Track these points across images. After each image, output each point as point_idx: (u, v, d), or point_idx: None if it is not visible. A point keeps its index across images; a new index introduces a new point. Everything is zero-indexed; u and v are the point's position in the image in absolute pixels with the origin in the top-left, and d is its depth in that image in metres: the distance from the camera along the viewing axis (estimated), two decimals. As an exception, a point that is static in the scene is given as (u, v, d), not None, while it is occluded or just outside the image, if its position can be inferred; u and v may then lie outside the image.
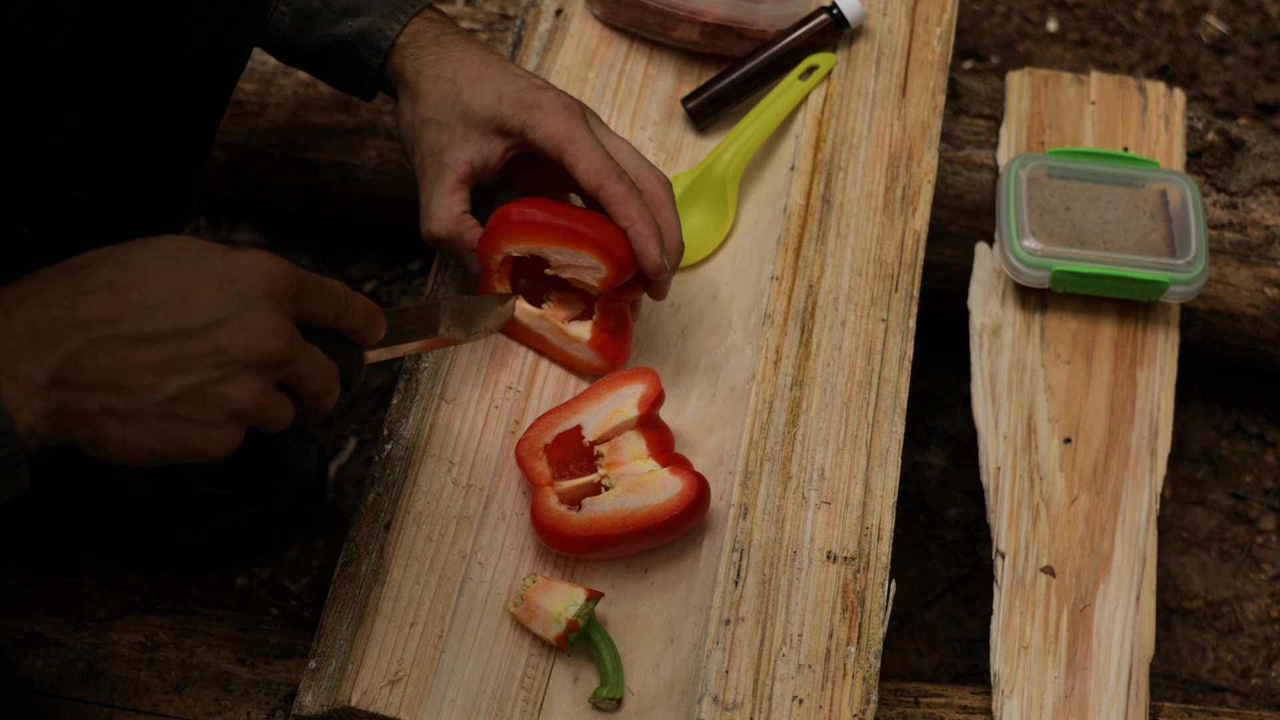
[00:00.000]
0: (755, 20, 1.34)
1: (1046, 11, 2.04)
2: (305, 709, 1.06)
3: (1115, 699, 1.21)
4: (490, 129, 1.16)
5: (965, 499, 1.66)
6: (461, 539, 1.13)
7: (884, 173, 1.29)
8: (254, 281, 0.89)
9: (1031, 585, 1.25)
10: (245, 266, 0.89)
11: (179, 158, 1.23)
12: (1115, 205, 1.39)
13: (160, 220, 1.33)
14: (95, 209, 1.19)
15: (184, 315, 0.87)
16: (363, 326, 0.99)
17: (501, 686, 1.09)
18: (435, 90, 1.18)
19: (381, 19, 1.20)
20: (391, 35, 1.20)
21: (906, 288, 1.24)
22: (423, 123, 1.18)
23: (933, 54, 1.35)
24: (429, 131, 1.17)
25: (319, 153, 1.65)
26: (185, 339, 0.87)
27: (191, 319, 0.87)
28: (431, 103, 1.17)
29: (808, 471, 1.14)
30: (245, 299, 0.89)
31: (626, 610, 1.13)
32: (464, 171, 1.16)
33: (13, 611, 1.25)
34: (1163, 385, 1.35)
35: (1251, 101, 1.95)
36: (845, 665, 1.08)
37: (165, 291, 0.87)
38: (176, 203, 1.33)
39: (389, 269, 1.80)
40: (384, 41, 1.20)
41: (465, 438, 1.17)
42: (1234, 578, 1.62)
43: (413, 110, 1.19)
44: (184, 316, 0.87)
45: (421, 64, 1.19)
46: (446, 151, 1.17)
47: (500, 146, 1.17)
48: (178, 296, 0.87)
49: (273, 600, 1.58)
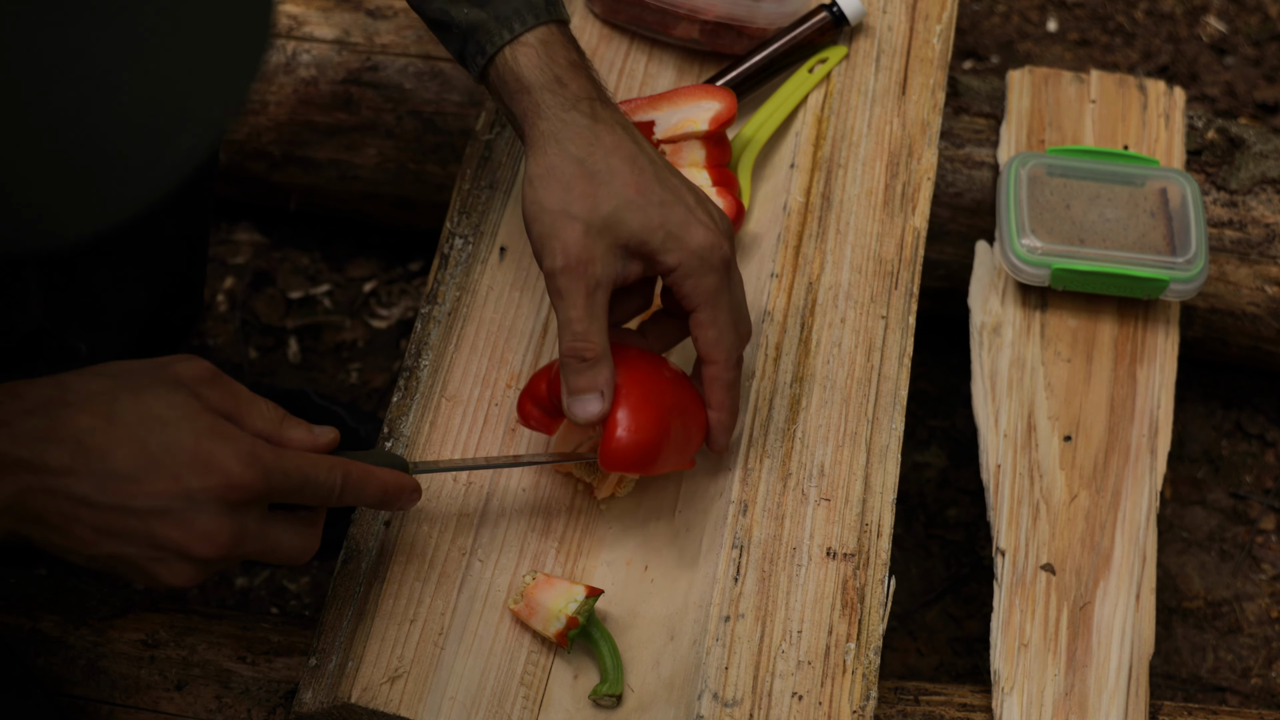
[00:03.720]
0: (755, 18, 1.34)
1: (1046, 11, 2.04)
2: (305, 706, 1.06)
3: (1115, 696, 1.21)
4: (638, 254, 1.06)
5: (965, 499, 1.66)
6: (461, 536, 1.13)
7: (884, 170, 1.29)
8: (209, 484, 0.91)
9: (1031, 583, 1.25)
10: (211, 463, 0.91)
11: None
12: (1115, 203, 1.39)
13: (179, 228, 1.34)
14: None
15: (131, 496, 0.90)
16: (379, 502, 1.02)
17: (501, 683, 1.09)
18: (583, 178, 1.06)
19: (495, 21, 1.10)
20: (499, 42, 1.10)
21: (906, 285, 1.24)
22: (567, 216, 1.05)
23: (933, 51, 1.35)
24: (574, 231, 1.05)
25: (319, 151, 1.65)
26: (125, 517, 0.90)
27: (137, 501, 0.90)
28: (578, 194, 1.06)
29: (807, 468, 1.14)
30: (193, 499, 0.91)
31: (626, 607, 1.13)
32: (611, 288, 1.06)
33: (14, 609, 1.25)
34: (1163, 383, 1.35)
35: (1251, 101, 1.95)
36: (845, 662, 1.08)
37: (125, 466, 0.90)
38: (193, 220, 1.35)
39: (389, 269, 1.80)
40: (490, 45, 1.10)
41: (465, 435, 1.17)
42: (1234, 578, 1.62)
43: (552, 193, 1.06)
44: (131, 497, 0.90)
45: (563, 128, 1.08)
46: (598, 265, 1.05)
47: (639, 270, 1.08)
48: (133, 475, 0.90)
49: (272, 600, 1.58)
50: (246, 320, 1.76)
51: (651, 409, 1.07)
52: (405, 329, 1.76)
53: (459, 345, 1.20)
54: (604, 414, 1.06)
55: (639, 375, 1.09)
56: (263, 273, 1.79)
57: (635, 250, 1.06)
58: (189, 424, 0.92)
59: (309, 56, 1.63)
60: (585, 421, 1.06)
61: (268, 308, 1.77)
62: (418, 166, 1.65)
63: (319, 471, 0.96)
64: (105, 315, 1.38)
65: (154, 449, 0.90)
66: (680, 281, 1.07)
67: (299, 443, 0.98)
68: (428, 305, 1.22)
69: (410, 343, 1.20)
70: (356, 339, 1.76)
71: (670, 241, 1.06)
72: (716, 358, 1.08)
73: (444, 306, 1.21)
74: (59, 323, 1.32)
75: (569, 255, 1.05)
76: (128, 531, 0.91)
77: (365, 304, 1.78)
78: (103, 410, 0.91)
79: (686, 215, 1.07)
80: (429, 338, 1.20)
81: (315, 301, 1.78)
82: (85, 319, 1.35)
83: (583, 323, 1.05)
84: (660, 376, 1.10)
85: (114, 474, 0.90)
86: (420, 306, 1.22)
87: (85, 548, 0.91)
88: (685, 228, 1.06)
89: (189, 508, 0.91)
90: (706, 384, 1.10)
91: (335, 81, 1.63)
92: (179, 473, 0.90)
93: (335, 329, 1.76)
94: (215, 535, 0.91)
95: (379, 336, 1.76)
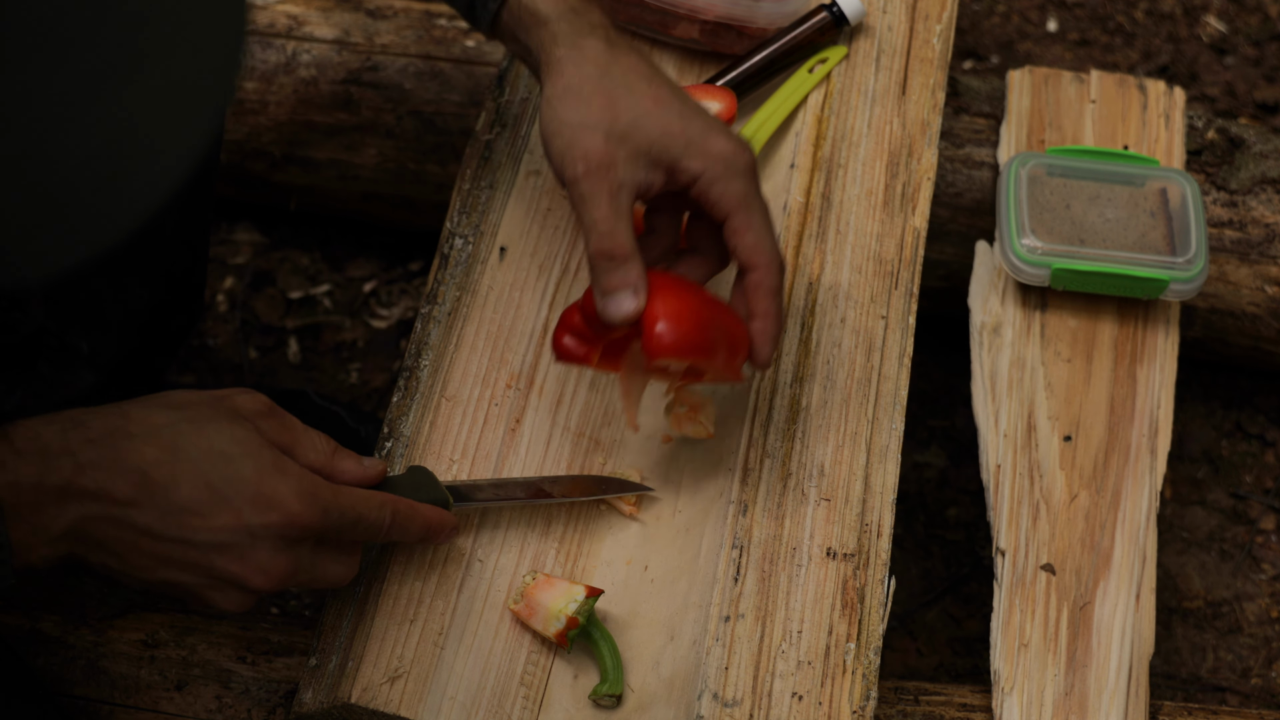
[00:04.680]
0: (755, 18, 1.34)
1: (1046, 11, 2.04)
2: (305, 706, 1.06)
3: (1115, 696, 1.21)
4: (660, 163, 1.05)
5: (965, 499, 1.66)
6: (461, 536, 1.13)
7: (884, 170, 1.29)
8: (270, 521, 0.94)
9: (1031, 583, 1.25)
10: (273, 500, 0.94)
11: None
12: (1115, 203, 1.39)
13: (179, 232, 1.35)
14: None
15: (194, 530, 0.93)
16: (420, 539, 1.06)
17: (501, 683, 1.09)
18: (602, 92, 1.06)
19: None
20: None
21: (906, 285, 1.24)
22: (586, 127, 1.05)
23: (933, 51, 1.35)
24: (595, 139, 1.05)
25: (319, 151, 1.65)
26: (187, 549, 0.93)
27: (199, 535, 0.93)
28: (597, 106, 1.05)
29: (807, 468, 1.14)
30: (254, 534, 0.94)
31: (626, 607, 1.13)
32: (635, 194, 1.06)
33: (14, 609, 1.25)
34: (1163, 383, 1.35)
35: (1251, 101, 1.95)
36: (845, 662, 1.08)
37: (189, 500, 0.93)
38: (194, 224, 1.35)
39: (389, 269, 1.80)
40: None
41: (465, 435, 1.17)
42: (1234, 578, 1.62)
43: (571, 108, 1.06)
44: (194, 530, 0.93)
45: (579, 53, 1.08)
46: (620, 167, 1.05)
47: (661, 181, 1.06)
48: (197, 510, 0.93)
49: (273, 600, 1.58)
50: (246, 320, 1.76)
51: (689, 301, 1.05)
52: (405, 329, 1.76)
53: (459, 345, 1.20)
54: (639, 310, 1.04)
55: (673, 282, 1.07)
56: (263, 273, 1.79)
57: (657, 158, 1.05)
58: (251, 460, 0.94)
59: (309, 56, 1.63)
60: (621, 319, 1.04)
61: (268, 308, 1.77)
62: (418, 166, 1.65)
63: (370, 510, 1.00)
64: (106, 316, 1.38)
65: (217, 484, 0.93)
66: (707, 189, 1.05)
67: (349, 474, 1.02)
68: (428, 305, 1.22)
69: (410, 343, 1.20)
70: (356, 339, 1.76)
71: (692, 148, 1.05)
72: (758, 261, 1.06)
73: (444, 306, 1.21)
74: (60, 323, 1.32)
75: (590, 161, 1.04)
76: (188, 562, 0.94)
77: (365, 304, 1.78)
78: (167, 443, 0.93)
79: (706, 125, 1.06)
80: (429, 338, 1.20)
81: (315, 301, 1.78)
82: (86, 319, 1.35)
83: (608, 221, 1.04)
84: (695, 289, 1.08)
85: (178, 507, 0.92)
86: (420, 306, 1.22)
87: (143, 574, 0.94)
88: (706, 135, 1.05)
89: (249, 542, 0.94)
90: (750, 292, 1.07)
91: (335, 81, 1.63)
92: (241, 509, 0.93)
93: (335, 329, 1.76)
94: (272, 569, 0.95)
95: (379, 336, 1.76)
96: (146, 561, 0.93)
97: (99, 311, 1.37)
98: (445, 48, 1.63)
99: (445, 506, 1.08)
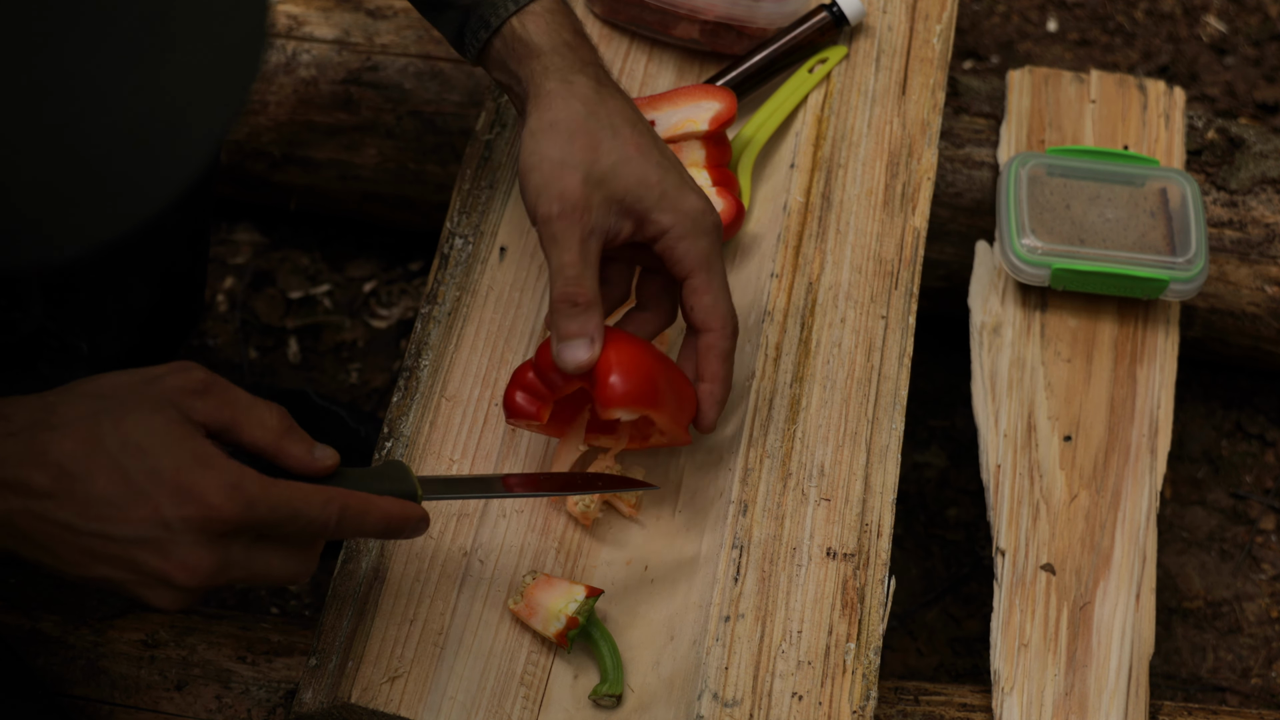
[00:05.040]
0: (755, 18, 1.34)
1: (1046, 11, 2.04)
2: (305, 706, 1.06)
3: (1115, 696, 1.21)
4: (631, 212, 1.06)
5: (965, 499, 1.66)
6: (461, 536, 1.13)
7: (884, 170, 1.29)
8: (188, 514, 0.90)
9: (1031, 583, 1.25)
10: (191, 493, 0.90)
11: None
12: (1115, 203, 1.39)
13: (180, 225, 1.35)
14: None
15: (112, 523, 0.90)
16: (381, 533, 0.99)
17: (501, 683, 1.09)
18: (587, 132, 1.06)
19: None
20: (505, 13, 1.11)
21: (906, 285, 1.24)
22: (566, 166, 1.05)
23: (933, 51, 1.35)
24: (572, 180, 1.05)
25: (319, 151, 1.65)
26: (107, 543, 0.90)
27: (118, 529, 0.90)
28: (580, 147, 1.06)
29: (807, 468, 1.14)
30: (172, 528, 0.90)
31: (626, 607, 1.13)
32: (604, 241, 1.06)
33: (14, 609, 1.25)
34: (1163, 383, 1.35)
35: (1251, 101, 1.95)
36: (845, 662, 1.08)
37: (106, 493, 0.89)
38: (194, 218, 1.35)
39: (389, 269, 1.80)
40: (495, 18, 1.11)
41: (465, 435, 1.17)
42: (1234, 578, 1.62)
43: (554, 144, 1.06)
44: (112, 524, 0.90)
45: (569, 88, 1.08)
46: (593, 214, 1.05)
47: (629, 231, 1.07)
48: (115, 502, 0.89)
49: (272, 600, 1.58)
50: (246, 320, 1.76)
51: (641, 356, 1.07)
52: (405, 329, 1.76)
53: (459, 345, 1.20)
54: (593, 359, 1.05)
55: (625, 337, 1.08)
56: (263, 273, 1.79)
57: (629, 207, 1.06)
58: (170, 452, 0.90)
59: (309, 56, 1.63)
60: (575, 368, 1.05)
61: (268, 308, 1.77)
62: (418, 166, 1.65)
63: (311, 506, 0.94)
64: (106, 315, 1.38)
65: (134, 476, 0.90)
66: (674, 245, 1.06)
67: (295, 459, 0.96)
68: (428, 305, 1.22)
69: (410, 343, 1.20)
70: (356, 339, 1.76)
71: (665, 201, 1.06)
72: (713, 324, 1.07)
73: (444, 306, 1.21)
74: (60, 323, 1.32)
75: (565, 201, 1.05)
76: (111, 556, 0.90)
77: (365, 304, 1.78)
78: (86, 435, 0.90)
79: (680, 180, 1.08)
80: (429, 338, 1.20)
81: (315, 301, 1.78)
82: (86, 319, 1.35)
83: (575, 267, 1.04)
84: (645, 345, 1.09)
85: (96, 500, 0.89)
86: (420, 306, 1.22)
87: (74, 569, 0.92)
88: (679, 190, 1.07)
89: (168, 537, 0.90)
90: (702, 354, 1.08)
91: (335, 81, 1.63)
92: (159, 502, 0.89)
93: (335, 329, 1.76)
94: (196, 565, 0.90)
95: (379, 336, 1.76)
96: (75, 556, 0.91)
97: (99, 311, 1.37)
98: (445, 48, 1.63)
99: (413, 500, 1.01)
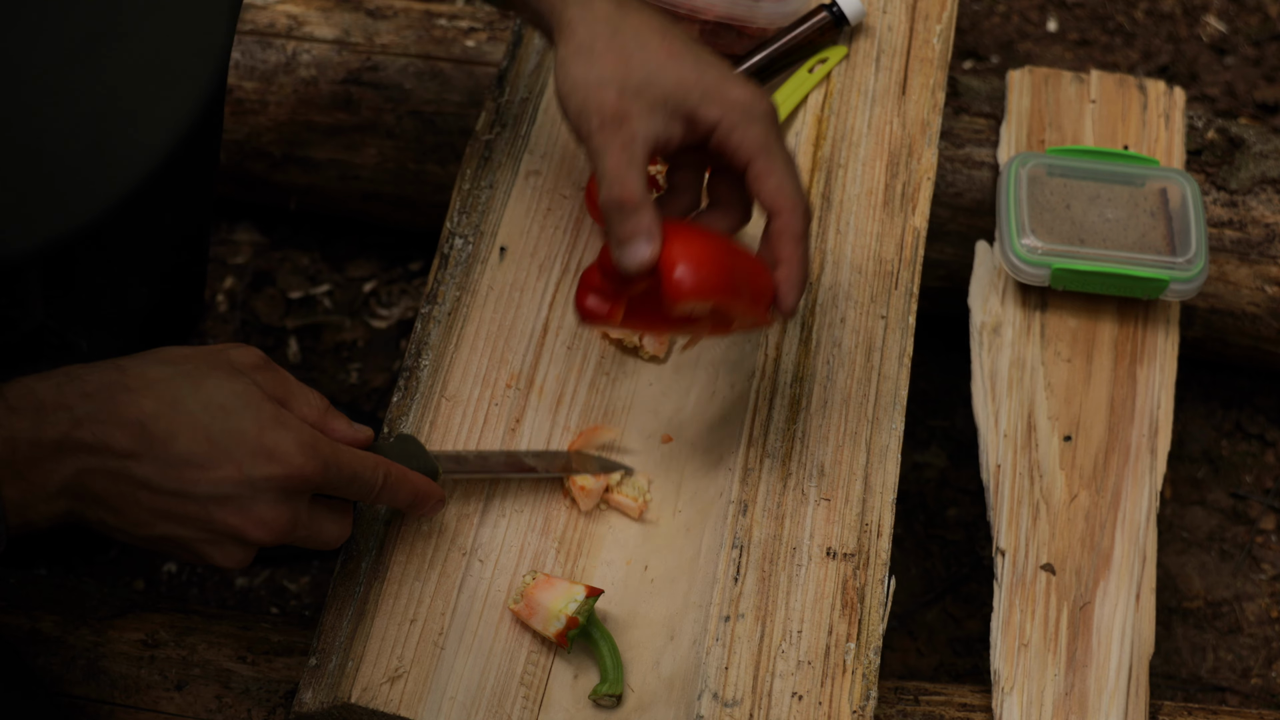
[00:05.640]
0: (755, 18, 1.34)
1: (1046, 11, 2.04)
2: (305, 706, 1.06)
3: (1115, 696, 1.21)
4: (677, 113, 1.04)
5: (965, 499, 1.66)
6: (461, 536, 1.13)
7: (884, 170, 1.29)
8: (272, 473, 0.93)
9: (1031, 583, 1.25)
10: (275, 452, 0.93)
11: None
12: (1115, 203, 1.39)
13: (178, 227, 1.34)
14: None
15: (194, 482, 0.92)
16: (406, 506, 1.05)
17: (501, 683, 1.09)
18: (614, 49, 1.05)
19: None
20: None
21: (906, 285, 1.24)
22: (600, 83, 1.04)
23: (933, 51, 1.35)
24: (608, 94, 1.03)
25: (319, 151, 1.65)
26: (185, 502, 0.92)
27: (199, 488, 0.92)
28: (609, 63, 1.04)
29: (807, 468, 1.14)
30: (255, 486, 0.93)
31: (626, 607, 1.13)
32: (652, 146, 1.04)
33: (14, 609, 1.25)
34: (1163, 383, 1.35)
35: (1251, 101, 1.95)
36: (845, 661, 1.08)
37: (189, 452, 0.92)
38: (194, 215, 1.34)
39: (389, 269, 1.80)
40: None
41: (465, 435, 1.17)
42: (1234, 578, 1.62)
43: (584, 66, 1.05)
44: (193, 483, 0.92)
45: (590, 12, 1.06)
46: (635, 120, 1.03)
47: (680, 133, 1.04)
48: (197, 462, 0.92)
49: (272, 600, 1.58)
50: (246, 320, 1.76)
51: (708, 246, 1.04)
52: (405, 329, 1.76)
53: (459, 345, 1.20)
54: (654, 256, 1.02)
55: (692, 230, 1.05)
56: (263, 273, 1.79)
57: (675, 109, 1.03)
58: (251, 412, 0.94)
59: (309, 56, 1.63)
60: (637, 267, 1.02)
61: (268, 308, 1.77)
62: (418, 166, 1.65)
63: (365, 469, 0.99)
64: (106, 314, 1.38)
65: (217, 436, 0.92)
66: (726, 136, 1.04)
67: (340, 434, 1.01)
68: (428, 305, 1.22)
69: (410, 343, 1.20)
70: (356, 339, 1.76)
71: (708, 96, 1.03)
72: (781, 205, 1.04)
73: (444, 306, 1.21)
74: (60, 321, 1.32)
75: (603, 115, 1.03)
76: (186, 515, 0.92)
77: (365, 304, 1.78)
78: (166, 396, 0.92)
79: (722, 74, 1.05)
80: (429, 338, 1.20)
81: (315, 301, 1.78)
82: (86, 317, 1.35)
83: (619, 169, 1.02)
84: (714, 236, 1.06)
85: (178, 459, 0.91)
86: (420, 306, 1.22)
87: (139, 529, 0.93)
88: (722, 83, 1.04)
89: (250, 495, 0.93)
90: (774, 238, 1.05)
91: (335, 81, 1.63)
92: (242, 461, 0.92)
93: (335, 329, 1.76)
94: (272, 522, 0.94)
95: (379, 336, 1.76)
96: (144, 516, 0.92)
97: (98, 310, 1.37)
98: (445, 48, 1.63)
99: (433, 476, 1.07)
